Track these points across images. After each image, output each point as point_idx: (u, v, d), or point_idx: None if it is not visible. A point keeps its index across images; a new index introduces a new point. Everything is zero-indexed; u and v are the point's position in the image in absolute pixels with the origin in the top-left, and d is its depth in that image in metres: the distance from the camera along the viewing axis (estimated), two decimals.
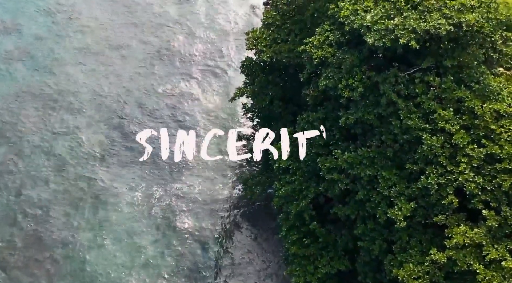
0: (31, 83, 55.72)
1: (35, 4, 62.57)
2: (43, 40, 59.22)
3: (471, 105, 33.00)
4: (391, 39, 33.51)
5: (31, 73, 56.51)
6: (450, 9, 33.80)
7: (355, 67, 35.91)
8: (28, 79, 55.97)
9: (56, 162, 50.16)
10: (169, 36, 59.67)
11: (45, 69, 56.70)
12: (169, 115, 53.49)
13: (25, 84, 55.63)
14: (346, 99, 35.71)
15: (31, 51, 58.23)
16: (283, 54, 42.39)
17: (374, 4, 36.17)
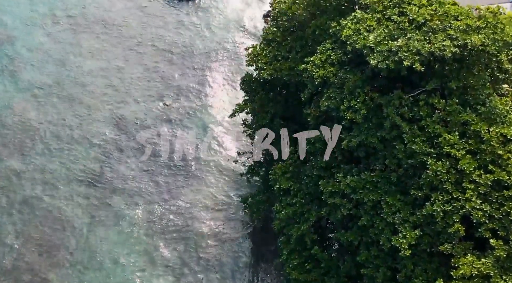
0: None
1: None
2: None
3: (477, 129, 32.09)
4: (394, 61, 32.63)
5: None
6: (455, 30, 32.93)
7: (357, 88, 35.03)
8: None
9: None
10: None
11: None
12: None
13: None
14: (348, 121, 34.85)
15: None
16: (284, 72, 41.51)
17: (377, 23, 35.31)
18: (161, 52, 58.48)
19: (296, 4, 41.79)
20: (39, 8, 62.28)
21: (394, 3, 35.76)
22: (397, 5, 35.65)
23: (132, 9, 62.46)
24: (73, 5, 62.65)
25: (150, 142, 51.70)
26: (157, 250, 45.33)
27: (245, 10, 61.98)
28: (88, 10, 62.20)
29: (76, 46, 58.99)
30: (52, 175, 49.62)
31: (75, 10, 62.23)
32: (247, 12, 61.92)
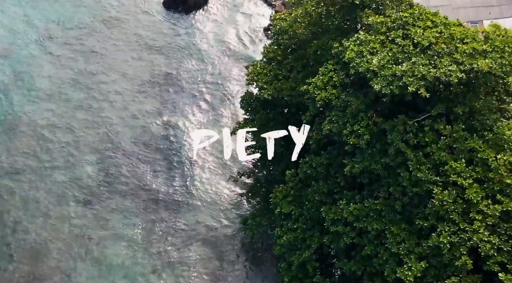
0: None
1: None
2: None
3: (484, 157, 31.13)
4: (399, 87, 31.68)
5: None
6: (461, 54, 31.99)
7: (360, 112, 34.06)
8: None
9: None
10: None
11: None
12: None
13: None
14: (351, 146, 33.88)
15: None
16: (285, 92, 40.55)
17: (381, 45, 34.36)
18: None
19: (297, 22, 40.88)
20: (35, 22, 61.32)
21: (398, 25, 34.84)
22: (401, 26, 34.73)
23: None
24: (68, 20, 61.71)
25: (147, 160, 50.84)
26: (155, 273, 44.37)
27: (245, 24, 60.96)
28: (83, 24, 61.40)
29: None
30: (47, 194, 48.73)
31: (71, 30, 61.35)
32: (247, 25, 60.90)
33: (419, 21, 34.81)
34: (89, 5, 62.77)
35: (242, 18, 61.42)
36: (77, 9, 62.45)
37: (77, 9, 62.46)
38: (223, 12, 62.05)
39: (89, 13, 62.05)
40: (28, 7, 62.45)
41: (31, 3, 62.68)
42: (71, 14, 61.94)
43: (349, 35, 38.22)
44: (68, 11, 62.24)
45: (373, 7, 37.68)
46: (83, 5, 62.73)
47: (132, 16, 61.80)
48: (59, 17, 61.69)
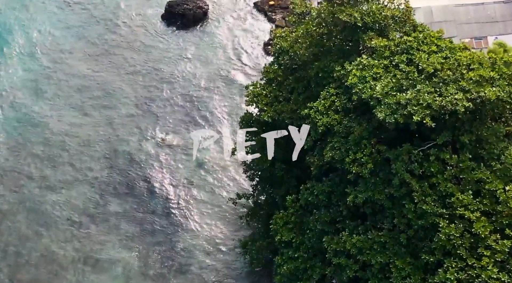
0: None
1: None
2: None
3: (492, 188, 30.06)
4: (403, 115, 30.61)
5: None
6: (468, 81, 30.92)
7: (363, 139, 33.02)
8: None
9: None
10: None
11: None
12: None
13: None
14: (354, 175, 32.80)
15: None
16: (285, 115, 39.44)
17: (384, 71, 33.31)
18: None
19: (298, 43, 39.81)
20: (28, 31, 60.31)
21: (402, 49, 33.81)
22: (405, 51, 33.70)
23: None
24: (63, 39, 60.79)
25: (144, 178, 49.80)
26: None
27: (245, 38, 59.82)
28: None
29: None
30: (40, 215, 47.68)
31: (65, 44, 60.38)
32: (247, 40, 59.75)
33: (424, 45, 33.77)
34: (82, 20, 61.89)
35: (242, 33, 60.25)
36: (71, 19, 61.60)
37: (70, 18, 61.60)
38: (222, 26, 60.92)
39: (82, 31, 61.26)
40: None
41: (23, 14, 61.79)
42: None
43: (351, 58, 37.21)
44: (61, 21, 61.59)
45: (375, 28, 36.69)
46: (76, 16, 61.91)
47: (128, 30, 60.73)
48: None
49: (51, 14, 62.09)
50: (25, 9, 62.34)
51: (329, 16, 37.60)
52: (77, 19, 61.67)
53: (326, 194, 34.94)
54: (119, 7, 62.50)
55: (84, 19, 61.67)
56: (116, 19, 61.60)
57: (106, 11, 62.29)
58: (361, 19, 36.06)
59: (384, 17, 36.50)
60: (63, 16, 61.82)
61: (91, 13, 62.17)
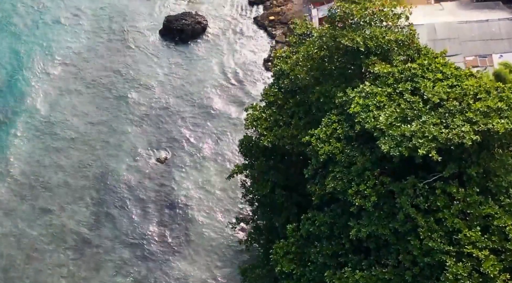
0: None
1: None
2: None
3: (501, 224, 28.91)
4: (408, 148, 29.49)
5: None
6: (475, 112, 29.79)
7: (366, 170, 31.87)
8: None
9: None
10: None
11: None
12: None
13: None
14: (357, 208, 31.63)
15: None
16: (286, 140, 38.33)
17: (388, 99, 32.18)
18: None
19: (299, 66, 38.67)
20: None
21: (406, 76, 32.68)
22: (410, 78, 32.57)
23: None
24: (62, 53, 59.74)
25: (140, 202, 48.68)
26: None
27: (245, 54, 58.62)
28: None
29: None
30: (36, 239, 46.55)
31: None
32: (246, 55, 58.57)
33: (429, 72, 32.65)
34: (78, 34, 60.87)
35: (241, 48, 59.18)
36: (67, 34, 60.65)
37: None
38: (221, 41, 59.88)
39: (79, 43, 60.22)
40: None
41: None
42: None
43: (353, 83, 36.14)
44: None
45: (378, 53, 35.58)
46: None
47: (125, 45, 59.63)
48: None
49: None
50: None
51: (331, 40, 36.50)
52: (73, 30, 60.69)
53: (328, 225, 33.76)
54: (113, 21, 61.36)
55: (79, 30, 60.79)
56: (109, 33, 60.46)
57: (100, 24, 61.24)
58: (363, 44, 34.98)
59: (387, 42, 35.42)
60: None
61: (83, 27, 61.10)
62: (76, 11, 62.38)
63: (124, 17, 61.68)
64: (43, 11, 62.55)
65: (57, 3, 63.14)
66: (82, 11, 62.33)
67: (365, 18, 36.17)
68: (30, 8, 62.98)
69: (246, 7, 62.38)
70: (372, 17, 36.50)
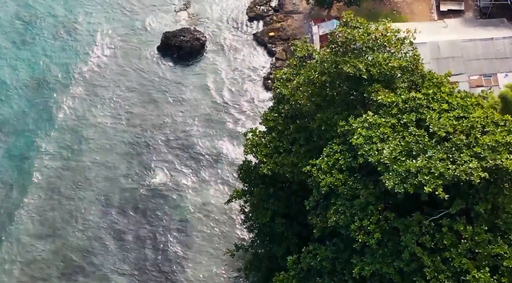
0: None
1: None
2: None
3: (510, 265, 27.75)
4: (413, 185, 28.37)
5: None
6: (483, 147, 28.63)
7: (370, 204, 30.76)
8: None
9: None
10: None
11: None
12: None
13: None
14: (360, 244, 30.47)
15: None
16: (286, 168, 37.24)
17: (392, 130, 31.06)
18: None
19: (300, 91, 37.53)
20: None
21: (411, 107, 31.54)
22: (414, 109, 31.42)
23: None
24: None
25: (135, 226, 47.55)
26: None
27: (244, 72, 57.32)
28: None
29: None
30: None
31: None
32: (246, 74, 57.26)
33: (434, 102, 31.55)
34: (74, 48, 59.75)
35: (240, 66, 57.78)
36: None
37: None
38: (220, 59, 58.48)
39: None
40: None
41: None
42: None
43: (355, 110, 35.06)
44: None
45: (382, 80, 34.44)
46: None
47: (122, 61, 58.42)
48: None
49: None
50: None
51: (332, 66, 35.36)
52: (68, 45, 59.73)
53: (330, 260, 32.68)
54: (108, 35, 60.16)
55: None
56: (105, 50, 59.32)
57: (96, 39, 60.10)
58: (366, 71, 33.85)
59: (390, 68, 34.29)
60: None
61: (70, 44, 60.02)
62: (71, 25, 60.99)
63: (121, 33, 60.38)
64: (39, 26, 61.18)
65: (48, 19, 61.54)
66: (78, 24, 60.99)
67: (367, 44, 35.04)
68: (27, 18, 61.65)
69: (246, 23, 61.03)
70: (375, 42, 35.37)
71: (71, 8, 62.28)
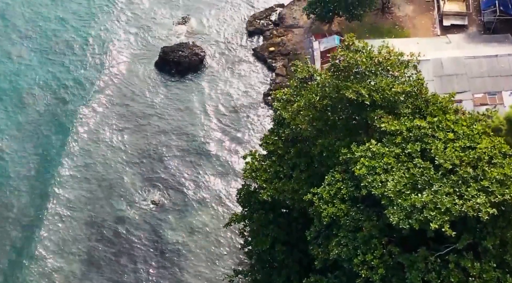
0: None
1: None
2: None
3: None
4: (419, 221, 27.32)
5: None
6: (491, 180, 27.55)
7: (373, 238, 29.71)
8: None
9: None
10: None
11: None
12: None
13: None
14: (363, 279, 29.43)
15: None
16: (286, 195, 36.17)
17: (396, 161, 30.02)
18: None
19: (300, 115, 36.43)
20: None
21: (415, 136, 30.48)
22: (419, 138, 30.37)
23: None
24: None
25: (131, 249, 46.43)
26: None
27: (243, 88, 56.23)
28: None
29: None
30: None
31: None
32: (245, 90, 56.17)
33: (439, 131, 30.47)
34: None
35: (240, 82, 56.66)
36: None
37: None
38: (219, 74, 57.37)
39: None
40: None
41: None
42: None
43: (358, 136, 34.05)
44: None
45: (385, 105, 33.42)
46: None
47: (118, 77, 57.36)
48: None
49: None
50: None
51: (334, 91, 34.32)
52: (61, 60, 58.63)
53: None
54: (104, 50, 59.08)
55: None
56: (99, 63, 58.29)
57: (94, 54, 59.11)
58: (369, 97, 32.81)
59: (394, 94, 33.26)
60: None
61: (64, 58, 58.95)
62: (65, 38, 59.96)
63: (117, 47, 59.33)
64: (27, 40, 60.12)
65: (41, 35, 60.46)
66: (73, 37, 59.99)
67: (370, 68, 34.01)
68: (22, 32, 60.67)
69: (246, 37, 59.96)
70: (378, 66, 34.35)
71: (66, 19, 61.21)
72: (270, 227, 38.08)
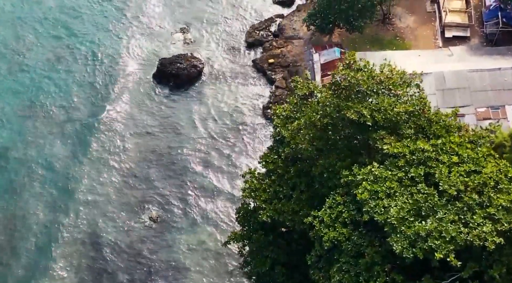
0: None
1: None
2: None
3: None
4: (423, 250, 26.49)
5: None
6: (497, 207, 26.74)
7: (376, 265, 28.89)
8: None
9: None
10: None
11: None
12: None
13: None
14: None
15: None
16: (286, 216, 35.32)
17: (399, 185, 29.16)
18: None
19: (301, 134, 35.56)
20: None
21: (419, 159, 29.63)
22: (422, 162, 29.53)
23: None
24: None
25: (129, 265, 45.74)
26: None
27: (242, 101, 55.42)
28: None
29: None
30: None
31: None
32: (244, 103, 55.36)
33: (443, 154, 29.63)
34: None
35: (239, 95, 55.83)
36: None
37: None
38: (218, 87, 56.56)
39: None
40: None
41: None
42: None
43: (359, 157, 33.20)
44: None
45: (387, 126, 32.60)
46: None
47: (115, 90, 56.49)
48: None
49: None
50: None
51: (335, 111, 33.50)
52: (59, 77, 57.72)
53: None
54: (101, 60, 58.29)
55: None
56: (97, 75, 57.47)
57: (90, 63, 58.30)
58: (370, 117, 31.98)
59: (396, 114, 32.42)
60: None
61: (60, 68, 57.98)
62: (63, 49, 59.26)
63: (114, 59, 58.46)
64: (24, 52, 59.36)
65: (37, 49, 59.69)
66: (70, 46, 59.24)
67: (372, 88, 33.19)
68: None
69: (245, 48, 59.14)
70: (380, 85, 33.53)
71: (64, 28, 60.52)
72: (270, 248, 37.23)
